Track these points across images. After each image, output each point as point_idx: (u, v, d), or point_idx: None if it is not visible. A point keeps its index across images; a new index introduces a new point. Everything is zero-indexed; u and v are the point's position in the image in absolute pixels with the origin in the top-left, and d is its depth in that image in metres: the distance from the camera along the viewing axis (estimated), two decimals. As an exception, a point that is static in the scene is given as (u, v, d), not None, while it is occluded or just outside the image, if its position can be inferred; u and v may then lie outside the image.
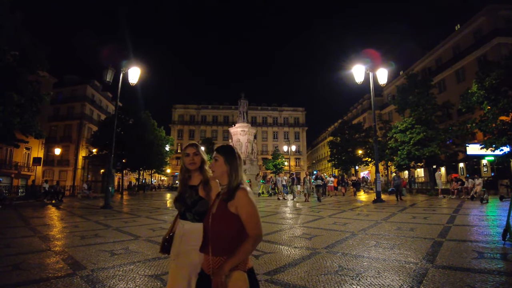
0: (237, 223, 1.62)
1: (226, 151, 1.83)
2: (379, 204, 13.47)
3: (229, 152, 1.81)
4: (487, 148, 18.53)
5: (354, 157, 37.87)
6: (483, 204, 12.39)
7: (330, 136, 49.45)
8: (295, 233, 6.46)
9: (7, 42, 15.16)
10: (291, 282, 3.28)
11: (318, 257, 4.37)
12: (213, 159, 1.81)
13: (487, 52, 26.61)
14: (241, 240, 1.59)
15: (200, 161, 2.20)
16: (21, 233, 6.89)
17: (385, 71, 15.58)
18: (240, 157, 1.84)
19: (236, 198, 1.64)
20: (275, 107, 67.22)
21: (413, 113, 22.46)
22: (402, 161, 22.60)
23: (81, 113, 40.96)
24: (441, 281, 3.21)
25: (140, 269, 3.81)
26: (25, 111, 16.38)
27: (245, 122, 33.65)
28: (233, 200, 1.65)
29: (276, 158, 52.71)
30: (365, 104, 54.95)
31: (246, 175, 29.04)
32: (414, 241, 5.28)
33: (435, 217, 8.54)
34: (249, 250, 1.58)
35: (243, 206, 1.63)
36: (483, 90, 17.45)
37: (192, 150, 2.20)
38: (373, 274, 3.49)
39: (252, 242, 1.58)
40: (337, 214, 10.09)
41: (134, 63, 15.03)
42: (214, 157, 1.80)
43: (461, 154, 24.65)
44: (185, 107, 65.12)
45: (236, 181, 1.73)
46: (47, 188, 19.92)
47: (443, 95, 29.78)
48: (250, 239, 1.58)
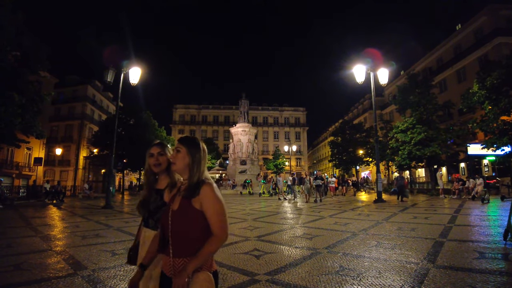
0: (201, 221, 1.51)
1: (190, 141, 1.68)
2: (380, 204, 13.46)
3: (193, 143, 1.67)
4: (488, 148, 18.51)
5: (355, 157, 37.83)
6: (484, 204, 12.37)
7: (331, 136, 49.42)
8: (296, 233, 6.45)
9: (8, 43, 15.18)
10: (292, 282, 3.28)
11: (319, 257, 4.36)
12: (174, 150, 1.67)
13: (488, 52, 26.57)
14: (205, 239, 1.48)
15: (166, 162, 2.02)
16: (22, 233, 6.90)
17: (386, 71, 15.56)
18: (205, 150, 1.70)
19: (202, 194, 1.51)
20: (276, 107, 67.21)
21: (414, 113, 22.44)
22: (403, 161, 22.57)
23: (82, 113, 41.02)
24: (442, 281, 3.21)
25: (141, 269, 3.80)
26: (26, 111, 16.41)
27: (246, 122, 33.71)
28: (198, 196, 1.52)
29: (277, 158, 52.74)
30: (366, 104, 54.91)
31: (247, 175, 29.31)
32: (415, 241, 5.27)
33: (436, 217, 8.52)
34: (213, 250, 1.48)
35: (209, 203, 1.51)
36: (484, 90, 17.42)
37: (156, 150, 2.04)
38: (374, 274, 3.49)
39: (217, 242, 1.48)
40: (338, 214, 10.08)
41: (134, 63, 15.05)
42: (176, 147, 1.67)
43: (462, 154, 24.63)
44: (186, 107, 65.17)
45: (198, 176, 1.58)
46: (48, 188, 19.95)
47: (444, 95, 29.74)
48: (215, 239, 1.48)
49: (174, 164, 1.65)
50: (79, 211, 12.94)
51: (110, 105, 50.15)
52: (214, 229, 1.49)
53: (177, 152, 1.65)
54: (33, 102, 16.86)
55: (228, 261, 4.17)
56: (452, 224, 7.09)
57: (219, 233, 1.49)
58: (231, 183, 29.27)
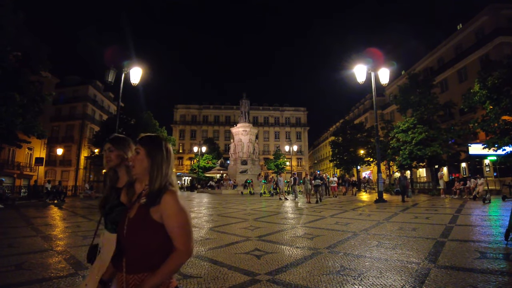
0: (160, 234, 1.31)
1: (149, 141, 1.46)
2: (381, 204, 13.44)
3: (153, 143, 1.45)
4: (490, 148, 18.48)
5: (356, 157, 37.79)
6: (485, 204, 12.35)
7: (331, 136, 49.40)
8: (296, 233, 6.45)
9: (9, 43, 15.22)
10: (293, 282, 3.28)
11: (320, 257, 4.36)
12: (134, 152, 1.46)
13: (489, 52, 26.49)
14: (165, 255, 1.29)
15: (117, 158, 1.87)
16: (24, 233, 6.92)
17: (386, 70, 15.55)
18: (169, 151, 1.48)
19: (163, 203, 1.32)
20: (276, 107, 67.17)
21: (415, 113, 22.42)
22: (404, 161, 22.55)
23: (83, 113, 41.09)
24: (443, 281, 3.20)
25: (142, 269, 3.80)
26: (27, 112, 16.45)
27: (247, 122, 33.69)
28: (157, 206, 1.32)
29: (278, 158, 52.74)
30: (367, 104, 54.86)
31: (248, 175, 29.30)
32: (416, 241, 5.26)
33: (437, 217, 8.51)
34: (175, 268, 1.30)
35: (171, 214, 1.30)
36: (485, 90, 17.39)
37: (106, 146, 1.89)
38: (375, 274, 3.48)
39: (180, 258, 1.29)
40: (339, 214, 10.08)
41: (135, 63, 15.07)
42: (135, 149, 1.46)
43: (463, 154, 24.57)
44: (186, 107, 65.17)
45: (160, 181, 1.38)
46: (49, 188, 19.99)
47: (445, 94, 29.68)
48: (177, 255, 1.28)
49: (133, 167, 1.45)
50: (80, 211, 12.96)
51: (111, 105, 50.23)
52: (176, 243, 1.29)
53: (136, 154, 1.45)
54: (34, 102, 16.91)
55: (229, 261, 4.17)
56: (453, 224, 7.08)
57: (182, 248, 1.29)
58: (232, 183, 29.27)
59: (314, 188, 16.09)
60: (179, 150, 60.35)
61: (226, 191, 27.91)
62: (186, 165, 59.89)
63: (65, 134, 40.63)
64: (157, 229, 1.31)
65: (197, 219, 9.32)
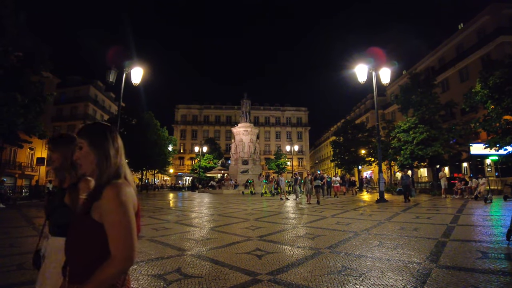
0: (102, 238, 1.12)
1: (91, 131, 1.28)
2: (383, 204, 13.42)
3: (96, 132, 1.27)
4: (491, 148, 18.43)
5: (357, 157, 37.78)
6: (487, 204, 12.31)
7: (333, 136, 49.34)
8: (298, 233, 6.45)
9: (10, 43, 15.26)
10: (294, 282, 3.27)
11: (321, 257, 4.36)
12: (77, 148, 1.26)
13: (490, 51, 26.43)
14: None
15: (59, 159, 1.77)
16: (25, 233, 6.94)
17: (388, 70, 15.52)
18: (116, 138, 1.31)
19: (103, 199, 1.13)
20: (277, 107, 67.19)
21: (416, 113, 22.38)
22: (405, 160, 22.52)
23: (84, 114, 41.23)
24: (444, 281, 3.19)
25: (143, 269, 3.81)
26: (28, 112, 16.49)
27: (248, 122, 33.72)
28: (98, 202, 1.14)
29: (279, 158, 52.80)
30: (368, 103, 54.80)
31: (249, 175, 29.33)
32: (418, 241, 5.25)
33: (438, 217, 8.49)
34: (107, 279, 1.08)
35: (108, 211, 1.12)
36: (487, 89, 17.35)
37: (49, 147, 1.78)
38: (377, 274, 3.48)
39: (115, 266, 1.09)
40: (340, 214, 10.06)
41: (136, 63, 15.10)
42: (77, 144, 1.27)
43: (464, 153, 24.52)
44: (187, 107, 65.25)
45: (108, 173, 1.20)
46: (50, 188, 19.97)
47: (446, 94, 29.64)
48: (110, 262, 1.09)
49: (80, 166, 1.25)
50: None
51: (112, 105, 50.37)
52: (111, 247, 1.10)
53: (79, 149, 1.25)
54: (35, 102, 16.95)
55: (230, 261, 4.17)
56: (455, 224, 7.06)
57: (116, 254, 1.09)
58: (233, 183, 29.31)
59: (315, 188, 15.94)
60: (180, 150, 60.42)
61: (227, 191, 27.94)
62: (187, 165, 59.98)
63: (66, 134, 40.66)
64: (97, 231, 1.12)
65: (198, 219, 9.33)
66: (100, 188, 1.16)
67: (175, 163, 56.91)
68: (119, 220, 1.11)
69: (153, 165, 36.80)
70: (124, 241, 1.10)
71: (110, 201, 1.12)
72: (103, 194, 1.14)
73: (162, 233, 6.48)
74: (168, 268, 3.84)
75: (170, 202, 17.90)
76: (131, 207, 1.17)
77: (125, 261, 1.09)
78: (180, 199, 20.66)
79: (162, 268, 3.86)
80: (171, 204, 16.42)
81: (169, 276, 3.50)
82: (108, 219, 1.12)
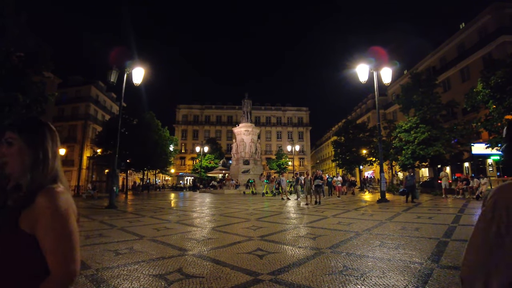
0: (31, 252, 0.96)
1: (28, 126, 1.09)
2: (384, 204, 13.40)
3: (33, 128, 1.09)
4: (493, 148, 18.38)
5: (358, 157, 37.75)
6: (488, 204, 12.26)
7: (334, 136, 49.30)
8: (299, 233, 6.44)
9: (12, 44, 15.30)
10: (296, 282, 3.27)
11: (322, 257, 4.35)
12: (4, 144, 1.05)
13: (492, 51, 26.38)
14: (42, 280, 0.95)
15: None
16: None
17: (389, 70, 15.49)
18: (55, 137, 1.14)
19: (36, 207, 0.96)
20: (278, 107, 67.16)
21: (418, 112, 22.33)
22: (406, 160, 22.47)
23: (85, 114, 41.28)
24: (446, 281, 3.19)
25: (144, 269, 3.82)
26: (30, 112, 16.50)
27: (249, 122, 33.73)
28: (28, 210, 0.96)
29: (280, 158, 52.80)
30: (369, 103, 54.77)
31: (250, 175, 29.32)
32: (419, 241, 5.24)
33: (440, 217, 8.48)
34: None
35: (43, 221, 0.95)
36: (488, 89, 17.29)
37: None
38: (378, 274, 3.47)
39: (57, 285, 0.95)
40: (341, 214, 10.06)
41: (138, 63, 15.12)
42: (6, 139, 1.05)
43: (466, 153, 24.48)
44: (189, 107, 65.28)
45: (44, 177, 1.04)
46: None
47: (447, 94, 29.58)
48: (52, 280, 0.95)
49: (6, 165, 1.04)
50: (82, 211, 12.99)
51: (114, 105, 50.43)
52: (50, 263, 0.96)
53: (8, 145, 1.04)
54: (37, 103, 16.96)
55: (231, 261, 4.17)
56: (456, 224, 7.05)
57: (58, 270, 0.95)
58: (234, 183, 29.31)
59: (315, 189, 15.82)
60: (181, 150, 60.48)
61: (228, 191, 27.95)
62: (188, 165, 60.02)
63: (67, 134, 40.79)
64: (28, 244, 0.96)
65: (200, 219, 9.34)
66: (32, 194, 0.99)
67: (176, 163, 56.94)
68: (59, 232, 0.96)
69: (154, 165, 36.80)
70: (65, 255, 0.96)
71: (44, 210, 0.96)
72: (36, 201, 0.97)
73: (163, 233, 6.49)
74: (170, 268, 3.84)
75: (171, 202, 17.93)
76: (73, 216, 1.03)
77: (64, 279, 0.96)
78: (181, 199, 20.68)
79: (164, 268, 3.86)
80: (172, 204, 16.44)
81: (171, 276, 3.50)
82: (42, 230, 0.95)
